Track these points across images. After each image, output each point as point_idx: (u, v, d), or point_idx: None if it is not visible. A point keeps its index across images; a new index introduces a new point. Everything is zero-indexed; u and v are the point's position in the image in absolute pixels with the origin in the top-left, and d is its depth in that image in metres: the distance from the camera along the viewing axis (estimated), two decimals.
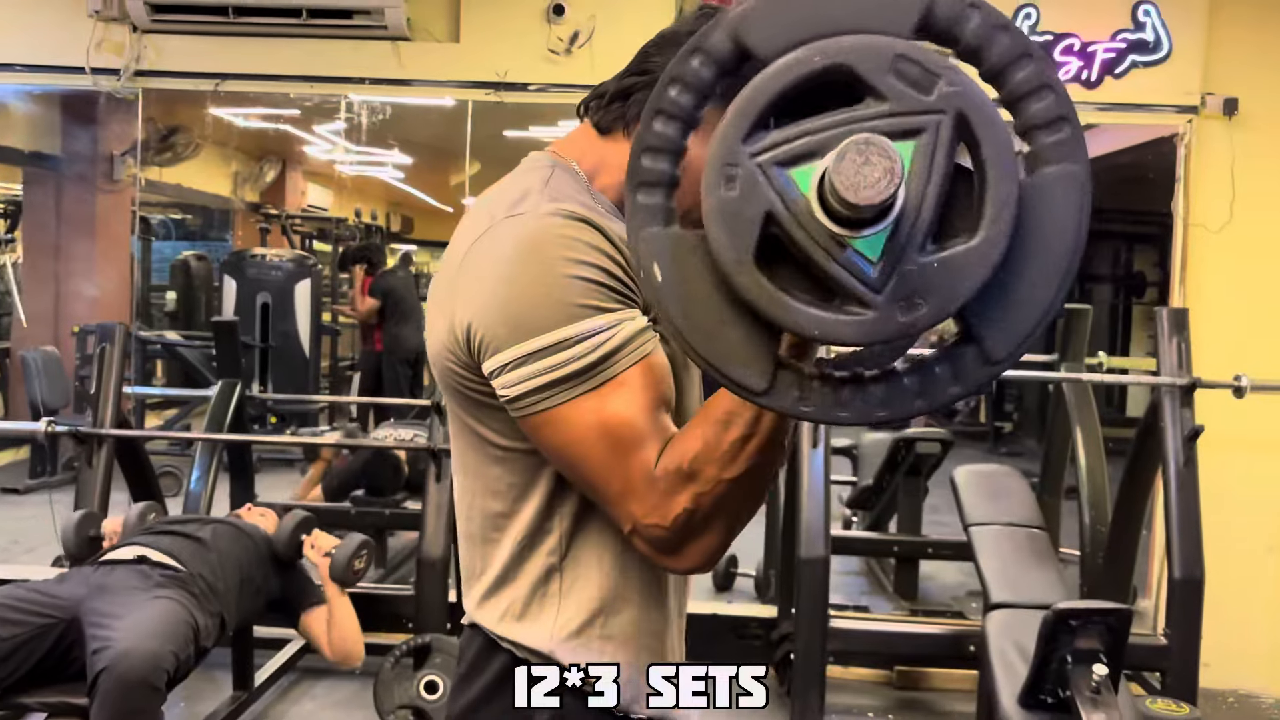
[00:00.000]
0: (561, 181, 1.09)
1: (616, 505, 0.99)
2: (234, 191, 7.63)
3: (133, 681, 2.31)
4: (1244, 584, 3.97)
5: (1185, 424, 3.37)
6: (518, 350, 0.98)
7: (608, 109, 1.15)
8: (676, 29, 1.14)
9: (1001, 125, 0.72)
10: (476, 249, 1.03)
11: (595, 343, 0.97)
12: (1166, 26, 3.91)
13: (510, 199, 1.05)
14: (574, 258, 0.98)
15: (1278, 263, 3.99)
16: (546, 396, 0.98)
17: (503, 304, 0.99)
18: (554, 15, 4.03)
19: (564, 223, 1.00)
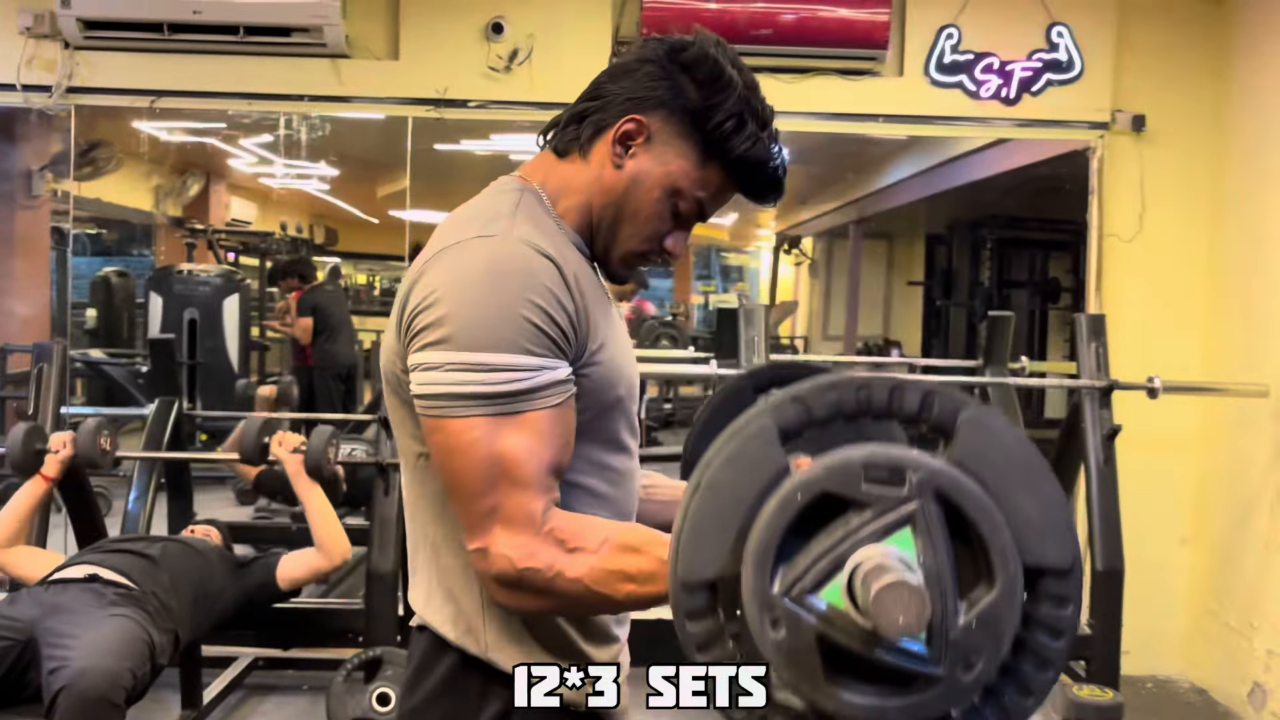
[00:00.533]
0: (530, 207, 1.16)
1: (478, 523, 1.06)
2: (156, 206, 7.50)
3: (92, 699, 2.30)
4: (1159, 575, 4.18)
5: (1104, 424, 3.55)
6: (445, 357, 1.05)
7: (563, 132, 1.23)
8: (626, 60, 1.23)
9: (971, 486, 0.80)
10: (443, 257, 1.10)
11: (511, 376, 1.04)
12: (1079, 47, 4.12)
13: (483, 219, 1.12)
14: (529, 298, 1.05)
15: (1185, 270, 4.22)
16: (451, 405, 1.05)
17: (450, 312, 1.06)
18: (493, 33, 4.10)
19: (531, 255, 1.08)
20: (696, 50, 1.18)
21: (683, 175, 1.19)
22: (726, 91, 1.17)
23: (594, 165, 1.20)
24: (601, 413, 1.16)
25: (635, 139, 1.18)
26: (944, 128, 4.30)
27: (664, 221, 1.21)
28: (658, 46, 1.21)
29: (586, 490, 1.17)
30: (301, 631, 3.61)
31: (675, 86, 1.18)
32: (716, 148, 1.18)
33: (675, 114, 1.18)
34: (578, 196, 1.20)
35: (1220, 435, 4.12)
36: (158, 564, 2.85)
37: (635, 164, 1.18)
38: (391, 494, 3.52)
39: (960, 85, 4.15)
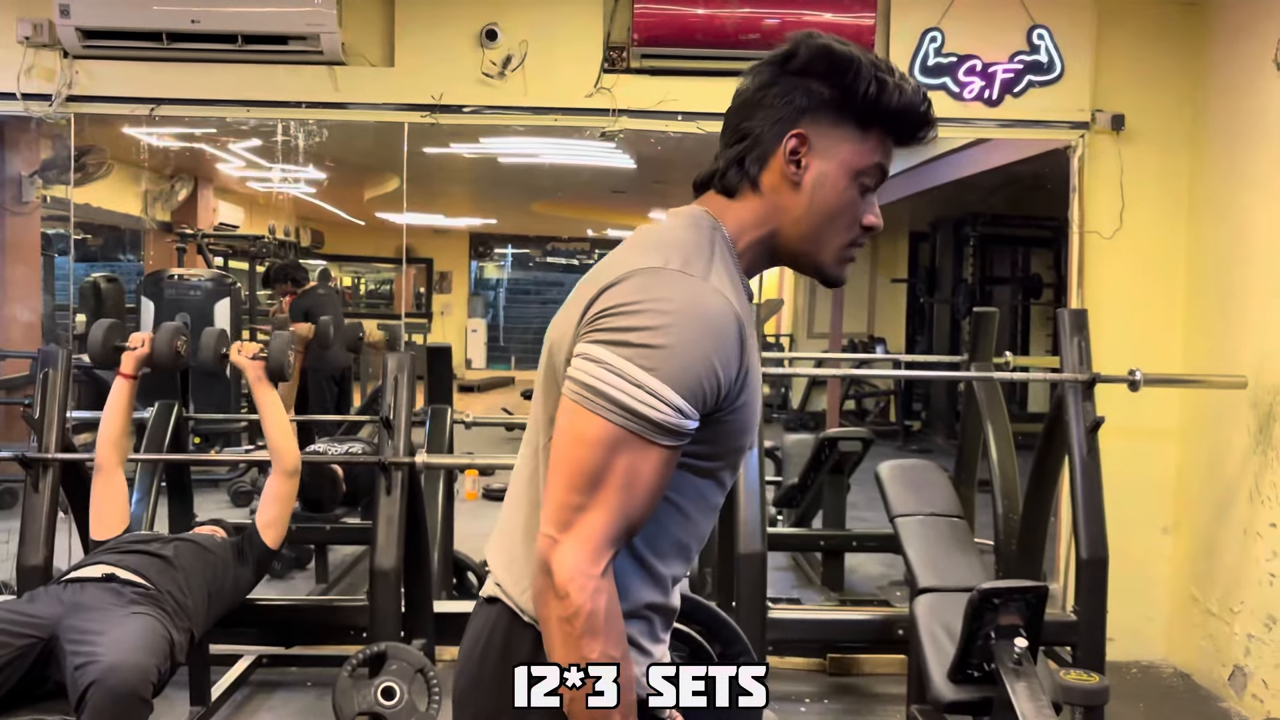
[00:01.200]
0: (722, 251, 1.23)
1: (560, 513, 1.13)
2: (144, 211, 7.52)
3: (124, 694, 2.36)
4: (1143, 564, 4.29)
5: (1088, 416, 3.64)
6: (618, 361, 1.12)
7: (726, 177, 1.28)
8: (747, 96, 1.28)
9: None
10: (649, 276, 1.16)
11: (658, 406, 1.11)
12: (1059, 49, 4.22)
13: (684, 252, 1.19)
14: (710, 355, 1.13)
15: (1164, 265, 4.32)
16: (597, 401, 1.12)
17: (642, 326, 1.12)
18: (487, 40, 4.17)
19: (727, 314, 1.15)
20: (805, 52, 1.24)
21: (854, 154, 1.26)
22: (854, 67, 1.23)
23: (768, 194, 1.27)
24: (725, 455, 1.24)
25: (800, 151, 1.25)
26: None
27: (856, 204, 1.28)
28: (769, 68, 1.27)
29: (682, 512, 1.24)
30: (306, 629, 3.68)
31: (806, 90, 1.24)
32: (870, 114, 1.25)
33: (820, 111, 1.24)
34: (759, 230, 1.28)
35: (1200, 426, 4.23)
36: (172, 564, 2.91)
37: (811, 173, 1.25)
38: (394, 493, 3.58)
39: (944, 87, 4.24)
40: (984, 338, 4.61)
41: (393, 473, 3.58)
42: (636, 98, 4.21)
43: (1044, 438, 3.85)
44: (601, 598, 1.12)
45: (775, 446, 5.54)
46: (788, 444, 5.37)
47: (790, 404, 8.06)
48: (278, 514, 3.24)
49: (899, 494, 3.66)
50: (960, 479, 4.68)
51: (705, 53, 4.10)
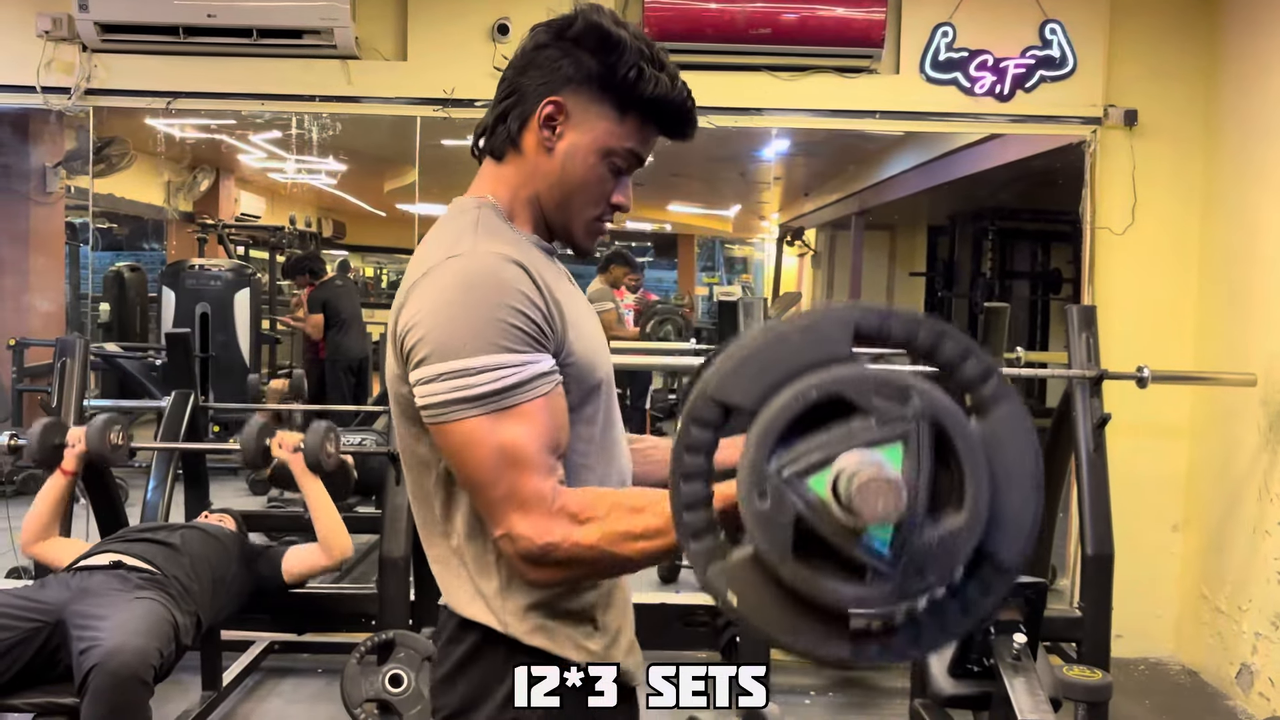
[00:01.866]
0: (488, 221, 1.27)
1: (496, 508, 1.16)
2: (167, 201, 7.60)
3: (125, 677, 2.41)
4: (1152, 561, 4.28)
5: (1095, 412, 3.64)
6: (437, 369, 1.15)
7: (493, 136, 1.32)
8: (523, 53, 1.32)
9: (965, 422, 0.90)
10: (421, 283, 1.20)
11: (499, 374, 1.14)
12: (1071, 44, 4.20)
13: (447, 242, 1.22)
14: (502, 301, 1.16)
15: (1176, 262, 4.30)
16: (450, 410, 1.15)
17: (434, 329, 1.16)
18: (498, 34, 4.19)
19: (500, 264, 1.18)
20: (581, 23, 1.27)
21: (607, 134, 1.29)
22: (619, 49, 1.26)
23: (529, 156, 1.30)
24: (587, 396, 1.27)
25: (557, 119, 1.28)
26: (939, 124, 4.38)
27: (606, 182, 1.31)
28: (546, 31, 1.30)
29: (584, 467, 1.28)
30: (316, 616, 3.73)
31: (575, 61, 1.27)
32: (628, 98, 1.28)
33: (583, 84, 1.27)
34: (524, 191, 1.31)
35: (1210, 423, 4.21)
36: (178, 550, 2.96)
37: (564, 142, 1.28)
38: (403, 483, 3.62)
39: (955, 82, 4.23)
40: (995, 333, 4.61)
41: (400, 463, 3.62)
42: None
43: (1051, 434, 3.85)
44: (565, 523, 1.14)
45: None
46: None
47: None
48: (305, 573, 3.26)
49: None
50: None
51: (716, 47, 4.12)
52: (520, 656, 1.25)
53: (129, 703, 2.43)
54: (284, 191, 7.41)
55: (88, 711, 2.42)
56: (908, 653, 0.94)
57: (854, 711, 3.70)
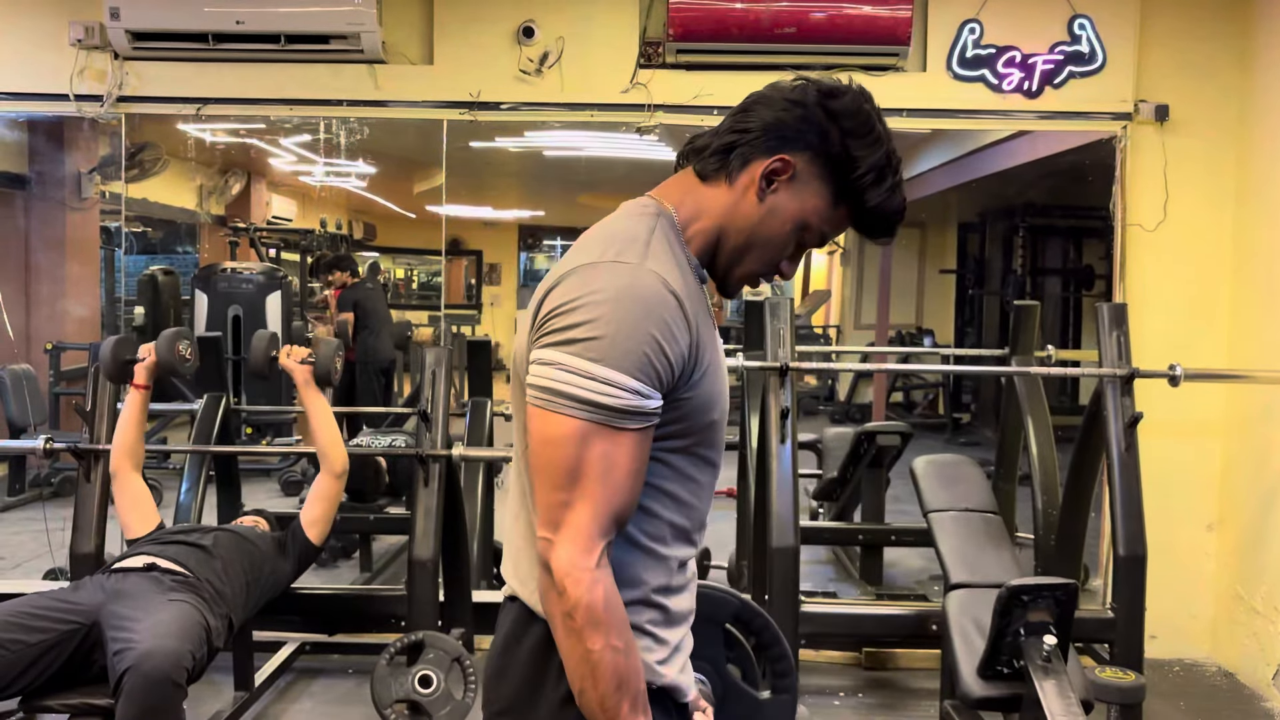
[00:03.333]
0: (664, 234, 1.26)
1: (550, 512, 1.17)
2: (199, 205, 7.68)
3: (158, 679, 2.45)
4: (1186, 561, 4.23)
5: (1126, 412, 3.60)
6: (566, 359, 1.16)
7: (708, 160, 1.31)
8: (776, 97, 1.30)
9: None
10: (582, 272, 1.19)
11: (616, 394, 1.15)
12: (1101, 39, 4.16)
13: (620, 242, 1.22)
14: (651, 331, 1.16)
15: (1210, 259, 4.24)
16: (558, 401, 1.16)
17: (580, 321, 1.16)
18: (524, 37, 4.21)
19: (660, 291, 1.18)
20: (848, 101, 1.27)
21: (815, 213, 1.29)
22: (873, 147, 1.26)
23: (736, 193, 1.29)
24: (697, 431, 1.27)
25: (780, 176, 1.28)
26: (967, 121, 4.35)
27: (787, 250, 1.32)
28: (811, 91, 1.29)
29: (671, 496, 1.28)
30: (346, 617, 3.76)
31: (823, 132, 1.26)
32: (852, 194, 1.28)
33: (820, 158, 1.27)
34: (712, 220, 1.31)
35: (1246, 421, 4.16)
36: (211, 553, 2.99)
37: (775, 199, 1.28)
38: (432, 484, 3.64)
39: (983, 79, 4.20)
40: (1025, 331, 4.57)
41: (430, 465, 3.64)
42: (672, 93, 4.22)
43: (1083, 433, 3.81)
44: (599, 589, 1.15)
45: (816, 439, 5.53)
46: (828, 437, 5.36)
47: (837, 395, 8.03)
48: (323, 512, 3.31)
49: (933, 489, 3.64)
50: (1000, 473, 4.65)
51: (741, 47, 4.11)
52: None
53: (162, 704, 2.46)
54: (314, 194, 7.46)
55: (122, 713, 2.45)
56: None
57: (883, 712, 3.69)
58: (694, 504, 1.31)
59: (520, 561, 1.31)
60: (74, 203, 6.42)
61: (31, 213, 6.74)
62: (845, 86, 1.28)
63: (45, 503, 5.19)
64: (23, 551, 4.97)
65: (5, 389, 6.12)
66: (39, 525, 4.57)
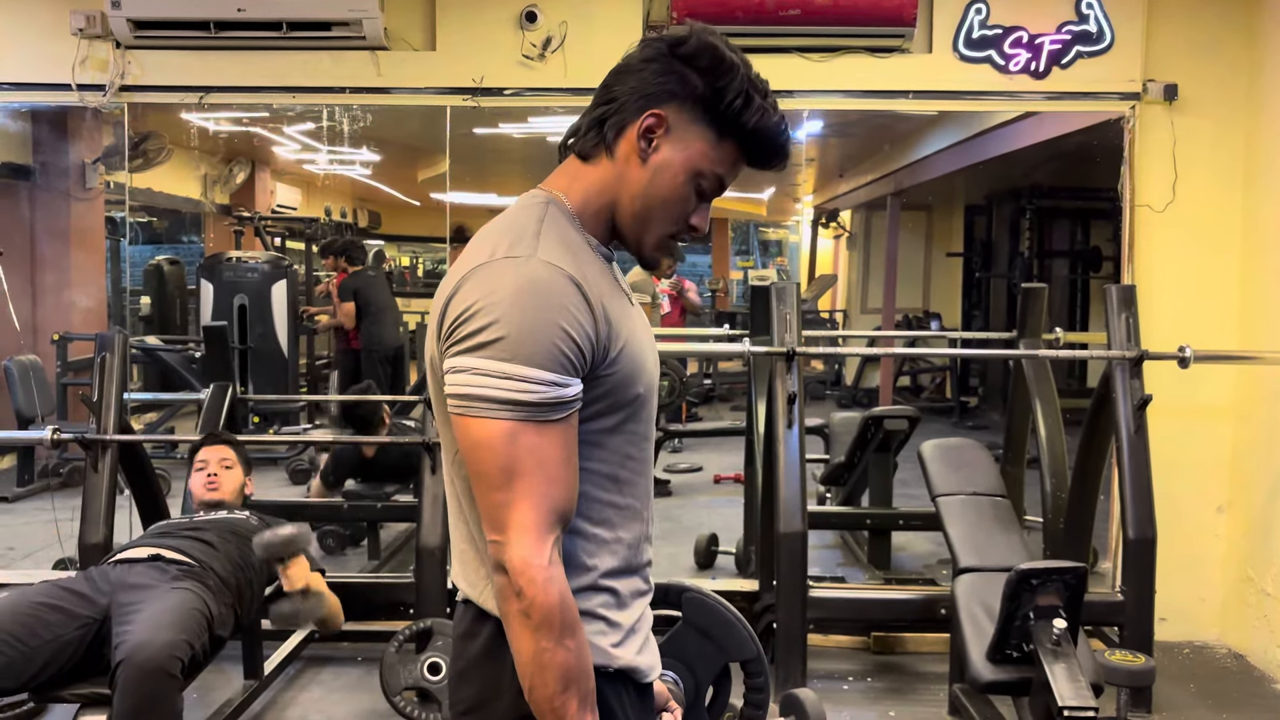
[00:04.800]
0: (554, 221, 1.26)
1: (494, 514, 1.17)
2: (204, 194, 7.67)
3: (150, 670, 2.44)
4: (1196, 543, 4.21)
5: (1135, 394, 3.59)
6: (477, 363, 1.16)
7: (585, 138, 1.32)
8: (630, 61, 1.31)
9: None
10: (477, 274, 1.20)
11: (531, 388, 1.15)
12: (1109, 18, 4.12)
13: (510, 237, 1.22)
14: (553, 319, 1.16)
15: (1219, 239, 4.21)
16: (477, 406, 1.16)
17: (483, 324, 1.16)
18: (526, 22, 4.18)
19: (556, 278, 1.18)
20: (695, 42, 1.27)
21: (702, 156, 1.29)
22: (730, 74, 1.27)
23: (619, 163, 1.30)
24: (624, 407, 1.27)
25: (656, 131, 1.28)
26: (973, 103, 4.32)
27: (689, 202, 1.31)
28: (658, 44, 1.30)
29: (609, 477, 1.28)
30: (355, 605, 3.76)
31: (682, 78, 1.28)
32: (729, 125, 1.29)
33: (687, 103, 1.28)
34: (604, 197, 1.31)
35: (1257, 402, 4.13)
36: (214, 546, 3.00)
37: (659, 156, 1.29)
38: (439, 472, 3.65)
39: (989, 60, 4.17)
40: (1033, 314, 4.55)
41: (436, 453, 3.64)
42: None
43: (1091, 415, 3.80)
44: (554, 589, 1.16)
45: (823, 424, 5.52)
46: (835, 422, 5.35)
47: (844, 380, 8.01)
48: None
49: (941, 473, 3.63)
50: (1009, 456, 4.64)
51: (746, 30, 4.08)
52: None
53: (156, 695, 2.45)
54: (319, 183, 7.45)
55: (118, 706, 2.45)
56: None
57: (891, 696, 3.68)
58: (634, 480, 1.31)
59: (466, 564, 1.31)
60: (79, 193, 6.42)
61: (36, 203, 6.74)
62: (687, 31, 1.28)
63: (54, 493, 5.19)
64: (32, 541, 4.99)
65: (13, 380, 6.12)
66: (48, 515, 4.58)
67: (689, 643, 1.68)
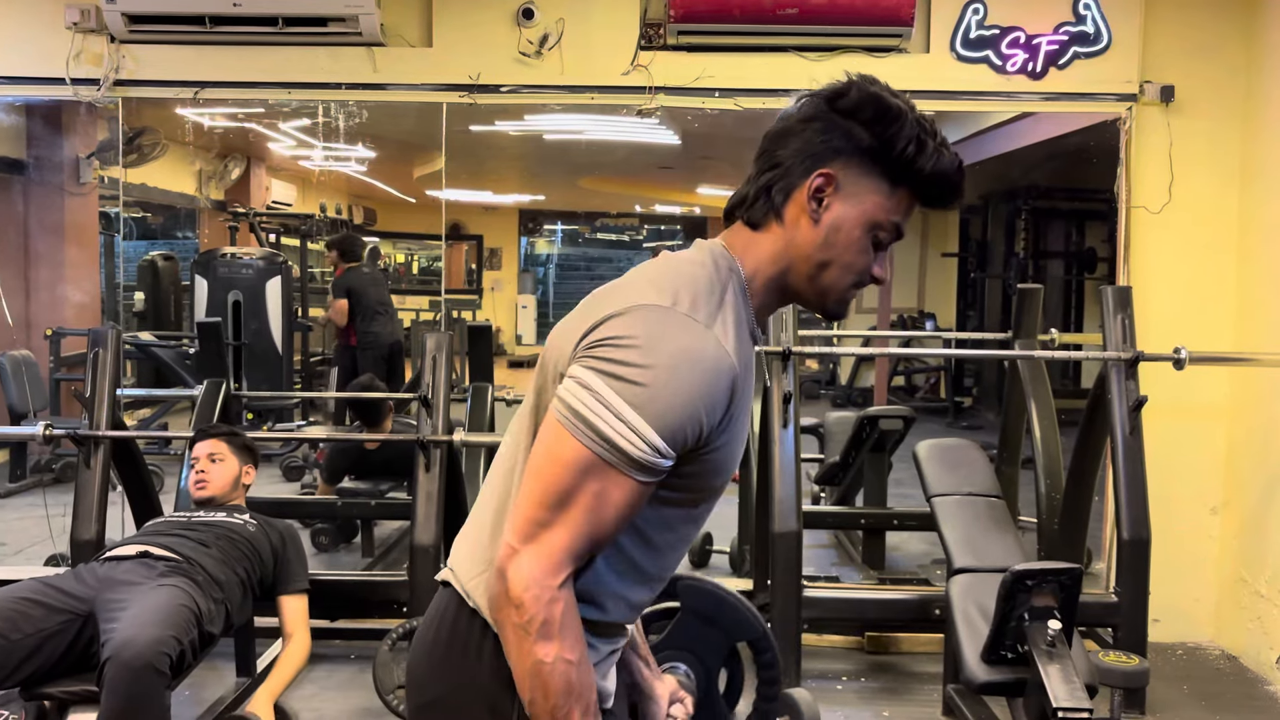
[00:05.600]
0: (734, 300, 1.24)
1: (524, 526, 1.15)
2: (199, 190, 7.65)
3: (137, 667, 2.42)
4: (1190, 544, 4.21)
5: (1130, 395, 3.59)
6: (609, 392, 1.13)
7: (754, 208, 1.28)
8: (789, 124, 1.28)
9: None
10: (650, 313, 1.16)
11: (637, 443, 1.13)
12: (1105, 19, 4.12)
13: (693, 293, 1.20)
14: (700, 402, 1.14)
15: (1215, 241, 4.21)
16: (581, 428, 1.14)
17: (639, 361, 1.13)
18: (523, 19, 4.17)
19: (720, 365, 1.16)
20: (855, 95, 1.24)
21: (877, 208, 1.25)
22: (898, 122, 1.23)
23: (789, 227, 1.26)
24: (700, 491, 1.26)
25: (825, 190, 1.24)
26: (970, 103, 4.31)
27: (868, 254, 1.28)
28: (817, 103, 1.26)
29: (647, 542, 1.26)
30: (348, 603, 3.76)
31: (848, 133, 1.23)
32: (903, 173, 1.25)
33: (855, 157, 1.24)
34: (777, 265, 1.28)
35: (1251, 404, 4.13)
36: (205, 544, 2.98)
37: (830, 214, 1.25)
38: (433, 470, 3.64)
39: (986, 60, 4.16)
40: (1028, 314, 4.55)
41: (431, 450, 3.63)
42: (673, 75, 4.19)
43: (1087, 416, 3.80)
44: (558, 606, 1.14)
45: (818, 424, 5.51)
46: (830, 421, 5.34)
47: (839, 380, 8.01)
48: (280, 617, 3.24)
49: (936, 473, 3.63)
50: (1003, 457, 4.64)
51: (743, 28, 4.07)
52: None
53: (143, 692, 2.43)
54: (314, 179, 7.44)
55: (105, 704, 2.43)
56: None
57: (886, 696, 3.68)
58: (665, 553, 1.30)
59: (478, 548, 1.28)
60: (73, 188, 6.40)
61: (30, 198, 6.71)
62: (846, 83, 1.26)
63: (46, 489, 5.18)
64: (24, 537, 4.97)
65: (5, 375, 6.10)
66: (40, 511, 4.56)
67: (691, 630, 1.66)
